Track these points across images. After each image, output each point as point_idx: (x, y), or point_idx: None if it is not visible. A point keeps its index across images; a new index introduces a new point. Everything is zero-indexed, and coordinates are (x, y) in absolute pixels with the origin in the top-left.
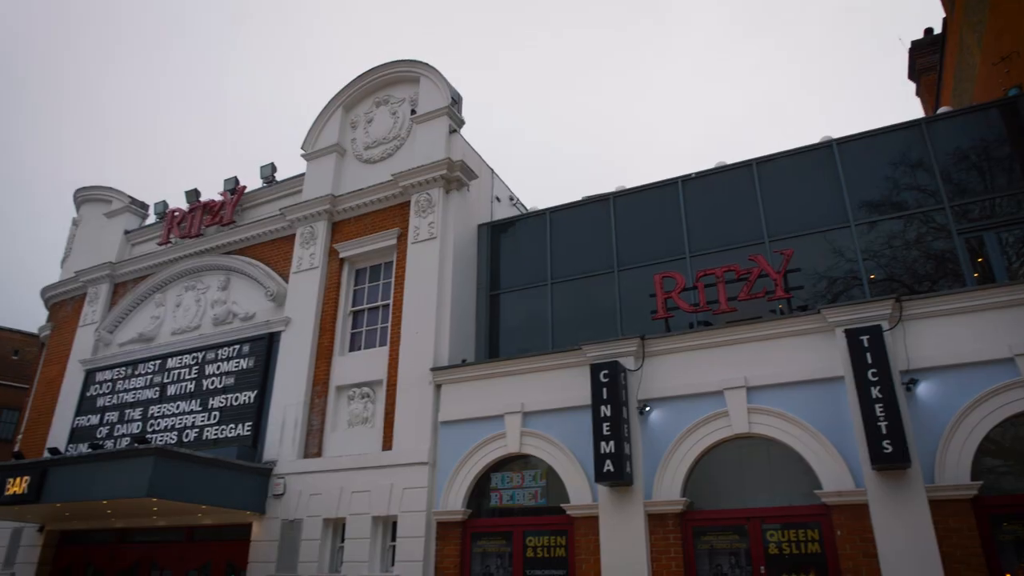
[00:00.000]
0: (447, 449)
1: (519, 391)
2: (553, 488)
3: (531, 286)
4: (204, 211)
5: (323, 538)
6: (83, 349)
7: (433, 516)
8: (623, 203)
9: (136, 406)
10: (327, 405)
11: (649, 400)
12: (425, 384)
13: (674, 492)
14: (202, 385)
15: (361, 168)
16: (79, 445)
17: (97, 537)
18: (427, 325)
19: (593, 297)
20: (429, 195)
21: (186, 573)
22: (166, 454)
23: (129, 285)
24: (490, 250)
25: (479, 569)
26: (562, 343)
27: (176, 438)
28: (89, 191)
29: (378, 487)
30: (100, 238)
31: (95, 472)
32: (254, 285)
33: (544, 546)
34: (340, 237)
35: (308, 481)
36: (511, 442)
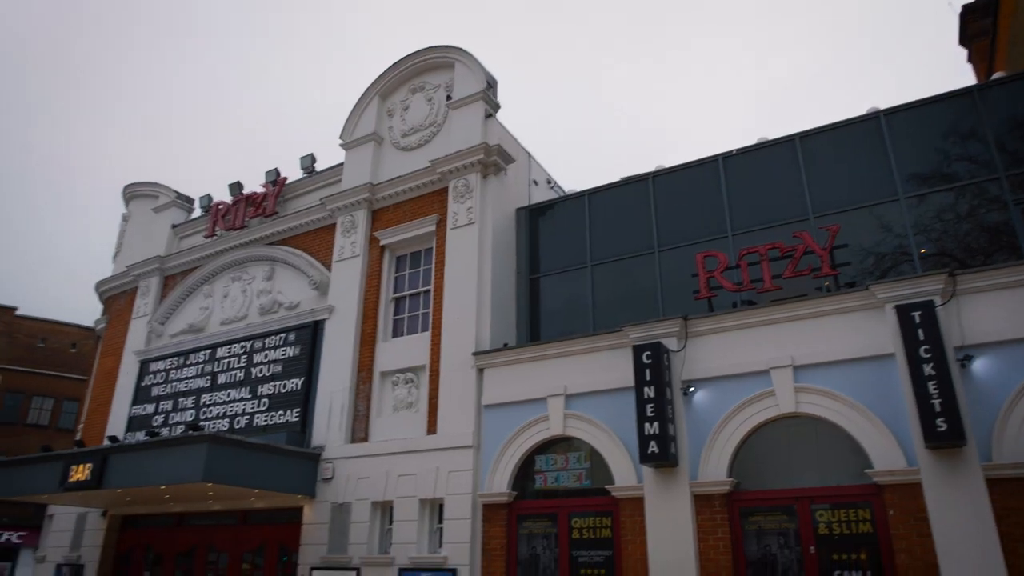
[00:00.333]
0: (491, 432)
1: (561, 374)
2: (597, 470)
3: (571, 269)
4: (247, 203)
5: (372, 520)
6: (137, 341)
7: (479, 498)
8: (662, 183)
9: (189, 395)
10: (372, 391)
11: (693, 381)
12: (467, 368)
13: (720, 472)
14: (251, 373)
15: (399, 156)
16: (136, 433)
17: (157, 521)
18: (468, 310)
19: (634, 278)
20: (467, 180)
21: (241, 555)
22: (219, 440)
23: (178, 277)
24: (529, 234)
25: (525, 550)
26: (603, 325)
27: (228, 425)
28: (136, 187)
29: (424, 470)
30: (149, 233)
31: (153, 458)
32: (298, 274)
33: (590, 527)
34: (380, 225)
35: (356, 465)
36: (554, 424)
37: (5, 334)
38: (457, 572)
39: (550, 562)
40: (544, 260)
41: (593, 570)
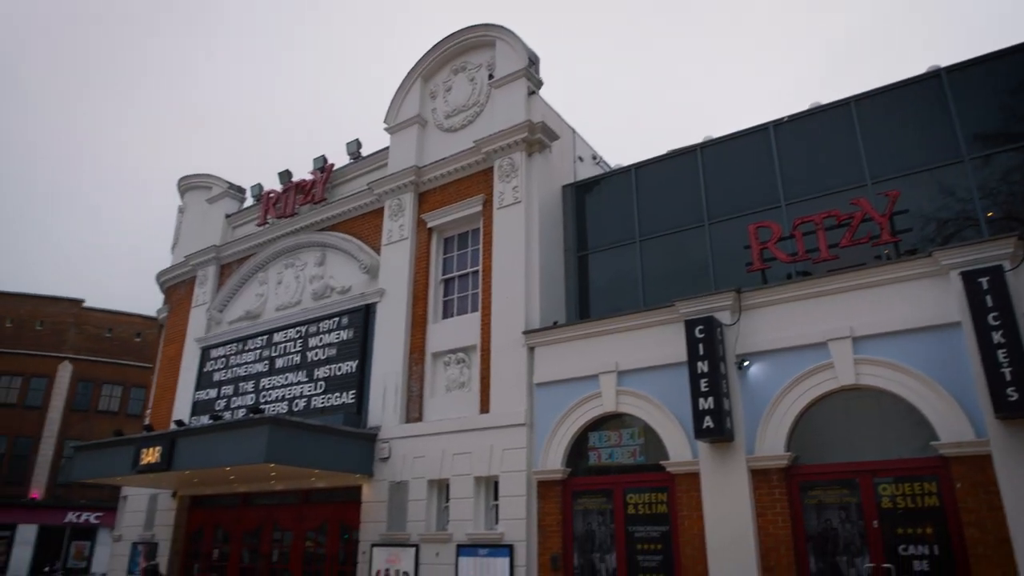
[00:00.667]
0: (543, 410)
1: (612, 350)
2: (651, 446)
3: (619, 244)
4: (297, 191)
5: (429, 498)
6: (197, 328)
7: (533, 475)
8: (711, 154)
9: (248, 379)
10: (424, 371)
11: (748, 354)
12: (518, 347)
13: (778, 447)
14: (307, 357)
15: (443, 137)
16: (201, 417)
17: (223, 501)
18: (517, 289)
19: (684, 252)
20: (511, 159)
21: (305, 533)
22: (280, 423)
23: (233, 266)
24: (576, 211)
25: (581, 526)
26: (654, 301)
27: (287, 408)
28: (190, 179)
29: (478, 449)
30: (204, 223)
31: (217, 441)
32: (348, 259)
33: (645, 503)
34: (427, 207)
35: (411, 444)
36: (607, 401)
37: (74, 325)
38: (514, 548)
39: (606, 537)
40: (592, 237)
41: (650, 545)
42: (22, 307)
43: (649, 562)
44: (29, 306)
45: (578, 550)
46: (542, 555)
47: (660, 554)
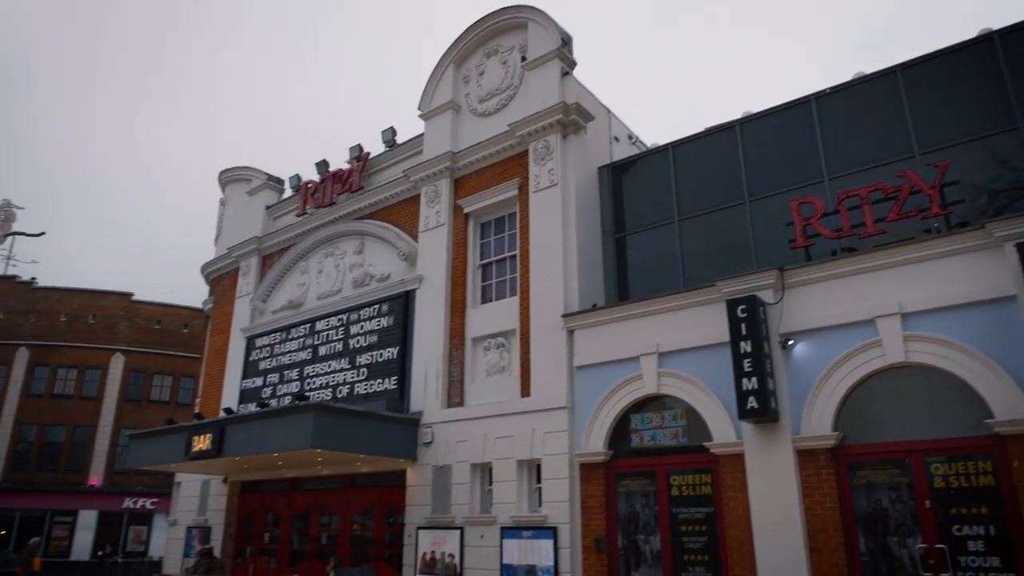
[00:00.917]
0: (584, 393)
1: (653, 332)
2: (694, 427)
3: (658, 225)
4: (334, 180)
5: (472, 481)
6: (242, 318)
7: (575, 458)
8: (750, 129)
9: (293, 367)
10: (465, 356)
11: (792, 333)
12: (557, 331)
13: (824, 427)
14: (349, 344)
15: (477, 122)
16: (248, 405)
17: (273, 486)
18: (555, 272)
19: (724, 231)
20: (546, 142)
21: (352, 516)
22: (324, 409)
23: (275, 256)
24: (612, 192)
25: (624, 508)
26: (694, 281)
27: (331, 395)
28: (231, 172)
29: (520, 432)
30: (245, 215)
31: (265, 428)
32: (386, 247)
33: (689, 484)
34: (463, 193)
35: (453, 429)
36: (648, 383)
37: (126, 318)
38: (557, 530)
39: (650, 519)
40: (630, 217)
41: (694, 527)
42: (75, 301)
43: (694, 543)
44: (81, 300)
45: (622, 532)
46: (586, 537)
47: (705, 535)
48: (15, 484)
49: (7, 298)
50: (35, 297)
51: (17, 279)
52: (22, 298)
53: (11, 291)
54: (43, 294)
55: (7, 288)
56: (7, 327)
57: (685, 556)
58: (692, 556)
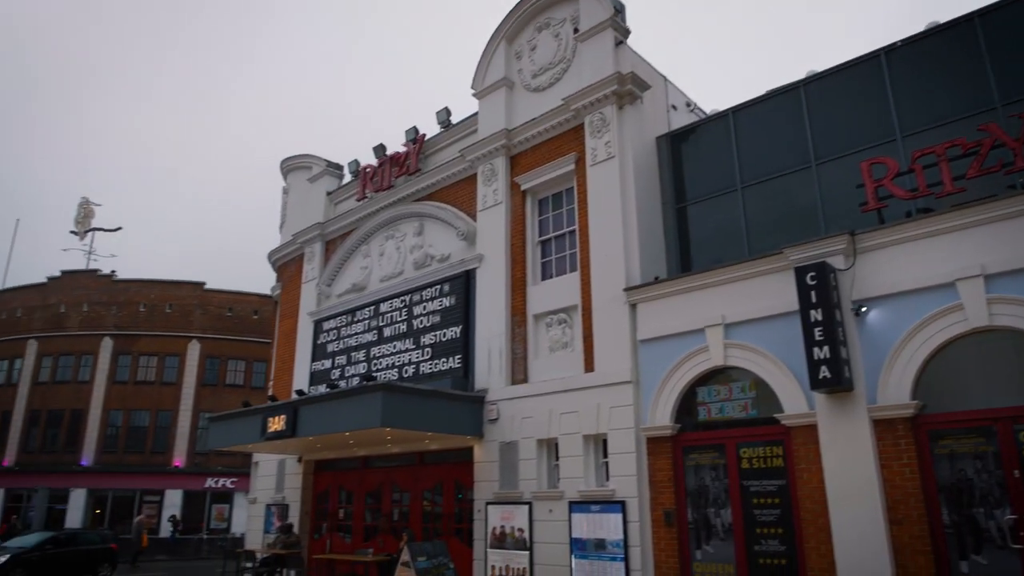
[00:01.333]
0: (648, 367)
1: (718, 303)
2: (764, 399)
3: (720, 193)
4: (392, 163)
5: (539, 457)
6: (309, 303)
7: (642, 432)
8: (815, 90)
9: (359, 349)
10: (527, 333)
11: (864, 300)
12: (620, 305)
13: (902, 395)
14: (412, 325)
15: (531, 98)
16: (318, 386)
17: (345, 464)
18: (615, 246)
19: (790, 197)
20: (602, 114)
21: (421, 493)
22: (392, 389)
23: (337, 241)
24: (672, 162)
25: (693, 481)
26: (759, 249)
27: (397, 374)
28: (292, 160)
29: (585, 407)
30: (307, 202)
31: (336, 408)
32: (445, 227)
33: (759, 457)
34: (519, 170)
35: (518, 405)
36: (715, 355)
37: (199, 306)
38: (626, 504)
39: (720, 492)
40: (690, 187)
41: (766, 499)
42: (152, 292)
43: (767, 516)
44: (157, 291)
45: (691, 505)
46: (655, 510)
47: (778, 508)
48: (106, 466)
49: (90, 291)
50: (116, 289)
51: (99, 273)
52: (104, 291)
53: (94, 284)
54: (123, 286)
55: (90, 282)
56: (92, 319)
57: (758, 529)
58: (765, 529)
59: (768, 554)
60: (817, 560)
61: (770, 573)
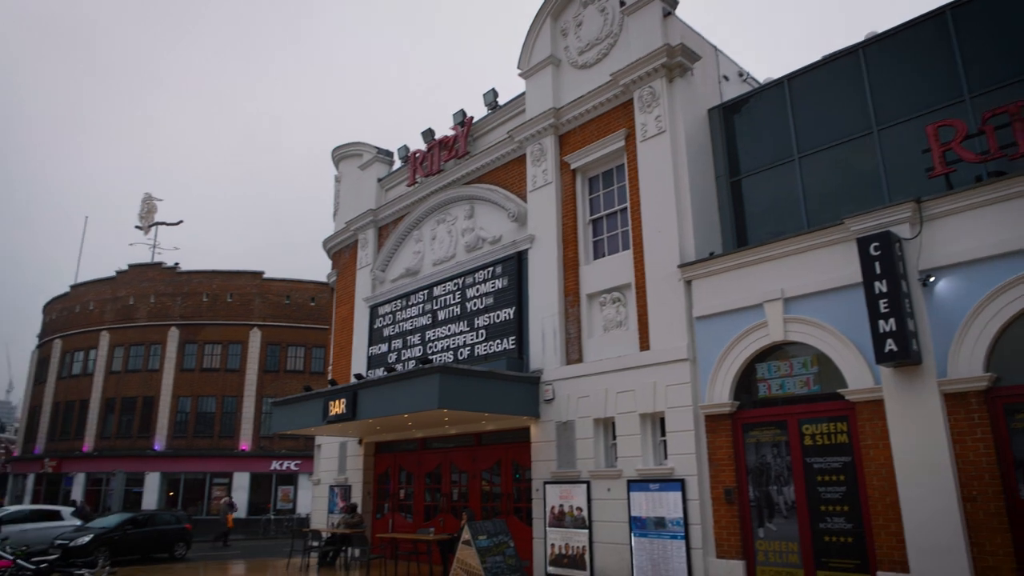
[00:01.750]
0: (705, 344)
1: (776, 277)
2: (826, 374)
3: (775, 165)
4: (440, 147)
5: (595, 436)
6: (364, 288)
7: (700, 410)
8: (875, 52)
9: (415, 332)
10: (580, 313)
11: (932, 269)
12: (674, 282)
13: (975, 368)
14: (466, 308)
15: (578, 75)
16: (376, 370)
17: (404, 446)
18: (668, 222)
19: (850, 165)
20: (651, 88)
21: (479, 473)
22: (449, 371)
23: (390, 227)
24: (724, 134)
25: (754, 458)
26: (818, 221)
27: (452, 357)
28: (343, 148)
29: (641, 386)
30: (359, 189)
31: (394, 391)
32: (496, 209)
33: (823, 433)
34: (568, 149)
35: (574, 385)
36: (774, 330)
37: (259, 295)
38: (685, 482)
39: (782, 469)
40: (744, 160)
41: (831, 476)
42: (214, 282)
43: (832, 493)
44: (219, 281)
45: (753, 483)
46: (715, 488)
47: (843, 485)
48: (177, 451)
49: (156, 283)
50: (179, 281)
51: (163, 265)
52: (169, 282)
53: (159, 276)
54: (186, 277)
55: (156, 274)
56: (159, 310)
57: (822, 506)
58: (830, 507)
59: (834, 532)
60: (886, 538)
61: (836, 551)
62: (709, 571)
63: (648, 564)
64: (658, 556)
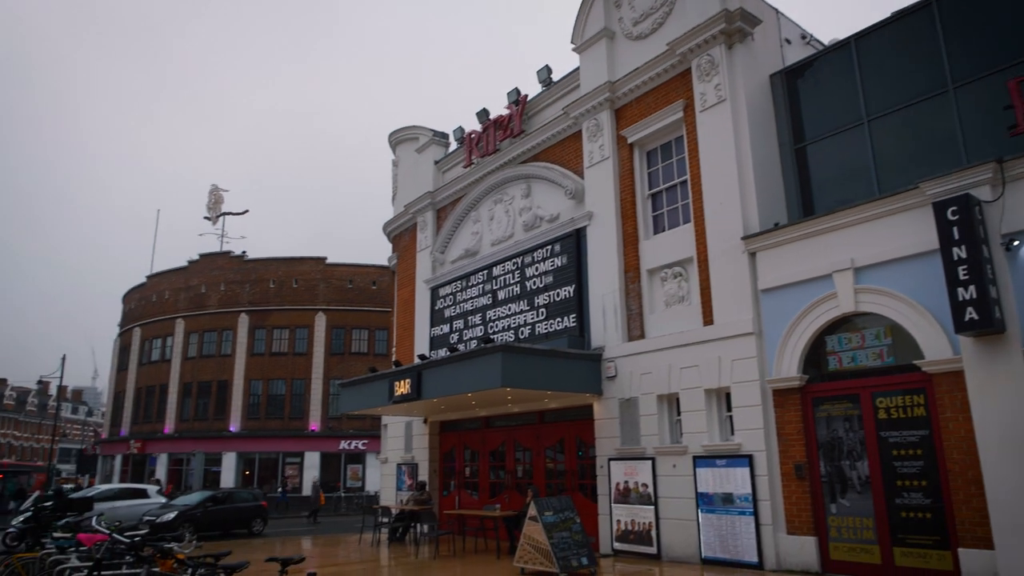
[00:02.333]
0: (772, 317)
1: (845, 246)
2: (901, 345)
3: (843, 130)
4: (495, 127)
5: (659, 413)
6: (424, 271)
7: (767, 384)
8: (950, 6)
9: (475, 312)
10: (641, 289)
11: (1017, 233)
12: (738, 254)
13: None
14: (526, 287)
15: (633, 47)
16: (439, 351)
17: (468, 425)
18: (730, 194)
19: (923, 127)
20: (710, 56)
21: (543, 450)
22: (511, 349)
23: (448, 209)
24: (788, 100)
25: (825, 433)
26: (890, 187)
27: (513, 336)
28: (400, 132)
29: (705, 361)
30: (416, 172)
31: (457, 370)
32: (553, 187)
33: (898, 406)
34: (625, 123)
35: (636, 362)
36: (844, 301)
37: (323, 280)
38: (753, 458)
39: (855, 444)
40: (809, 126)
41: (907, 451)
42: (279, 269)
43: (908, 468)
44: (284, 268)
45: (824, 458)
46: (784, 464)
47: (920, 460)
48: (251, 432)
49: (226, 271)
50: (247, 268)
51: (231, 254)
52: (237, 270)
53: (228, 265)
54: (253, 265)
55: (225, 263)
56: (229, 297)
57: (898, 482)
58: (906, 482)
59: (911, 507)
60: (968, 513)
61: (914, 527)
62: (780, 547)
63: (716, 540)
64: (726, 532)
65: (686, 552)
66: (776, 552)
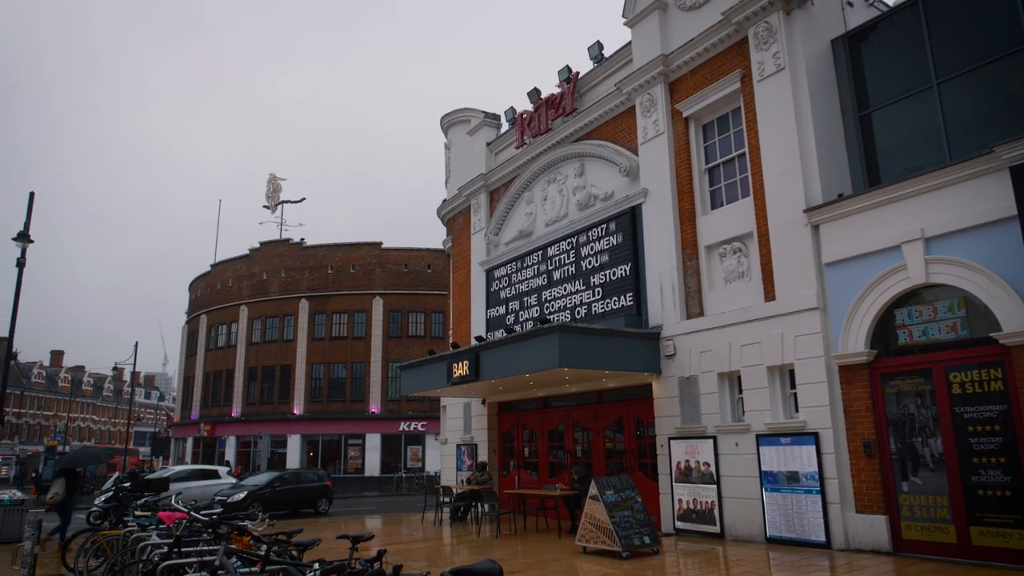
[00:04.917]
0: (836, 291)
1: (914, 216)
2: (976, 317)
3: (910, 94)
4: (547, 106)
5: (720, 391)
6: (479, 253)
7: (833, 360)
8: None
9: (531, 293)
10: (699, 266)
11: None
12: (800, 227)
13: None
14: (581, 266)
15: (686, 17)
16: (495, 332)
17: (525, 405)
18: (791, 165)
19: (998, 87)
20: (767, 23)
21: (602, 430)
22: (568, 329)
23: (501, 190)
24: (851, 65)
25: (895, 409)
26: (962, 152)
27: (569, 316)
28: (451, 115)
29: (768, 338)
30: (468, 155)
31: (514, 351)
32: (606, 165)
33: (973, 381)
34: (679, 96)
35: (696, 340)
36: (914, 273)
37: (379, 265)
38: (819, 435)
39: (928, 420)
40: (874, 91)
41: (984, 427)
42: (336, 255)
43: (985, 444)
44: (341, 253)
45: (894, 435)
46: (852, 441)
47: (999, 435)
48: (314, 414)
49: (286, 258)
50: (306, 255)
51: (291, 241)
52: (297, 257)
53: (288, 252)
54: (311, 251)
55: (285, 250)
56: (289, 283)
57: (975, 459)
58: (983, 459)
59: (989, 485)
60: None
61: (993, 505)
62: (848, 526)
63: (781, 519)
64: (792, 511)
65: (750, 531)
66: (844, 531)
